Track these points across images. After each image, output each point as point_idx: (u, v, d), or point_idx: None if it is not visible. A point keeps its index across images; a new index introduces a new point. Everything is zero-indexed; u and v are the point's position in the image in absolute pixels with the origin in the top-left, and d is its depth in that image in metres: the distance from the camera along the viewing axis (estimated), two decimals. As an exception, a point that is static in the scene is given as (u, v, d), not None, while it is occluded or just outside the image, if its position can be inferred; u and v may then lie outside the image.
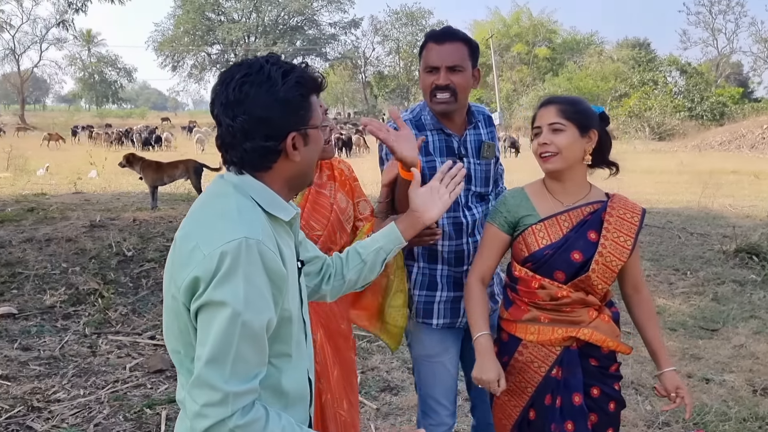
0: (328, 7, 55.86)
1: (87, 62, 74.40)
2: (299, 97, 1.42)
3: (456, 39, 2.30)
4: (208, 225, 1.37)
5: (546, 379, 2.08)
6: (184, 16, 52.26)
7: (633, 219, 2.07)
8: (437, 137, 2.41)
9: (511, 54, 53.31)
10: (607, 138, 2.11)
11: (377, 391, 4.09)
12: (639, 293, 2.20)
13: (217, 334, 1.28)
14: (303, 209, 2.19)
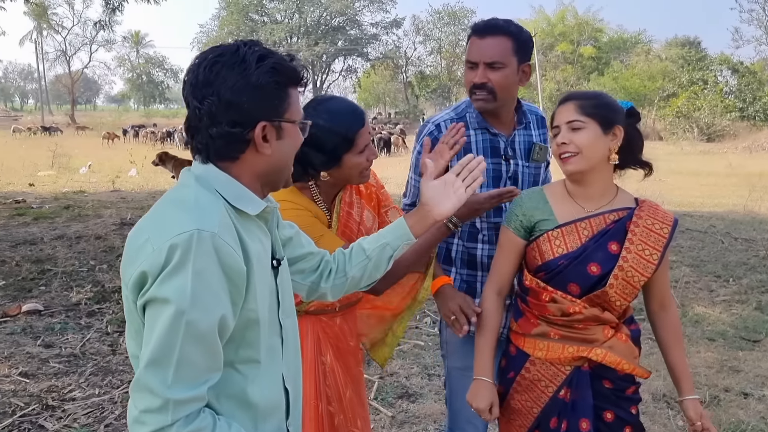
0: (370, 7, 55.91)
1: (135, 63, 76.24)
2: (273, 84, 1.33)
3: (499, 32, 2.12)
4: (161, 218, 1.29)
5: (553, 400, 1.91)
6: (228, 17, 53.00)
7: (662, 230, 1.86)
8: (481, 137, 2.26)
9: (555, 53, 52.40)
10: (637, 135, 1.92)
11: (394, 398, 3.97)
12: (665, 311, 2.00)
13: (159, 334, 1.18)
14: (337, 231, 2.08)
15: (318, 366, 2.14)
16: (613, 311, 1.87)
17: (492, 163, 2.24)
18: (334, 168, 1.95)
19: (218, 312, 1.23)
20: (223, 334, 1.27)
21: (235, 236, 1.29)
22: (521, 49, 2.14)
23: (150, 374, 1.18)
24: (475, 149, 2.25)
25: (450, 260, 2.38)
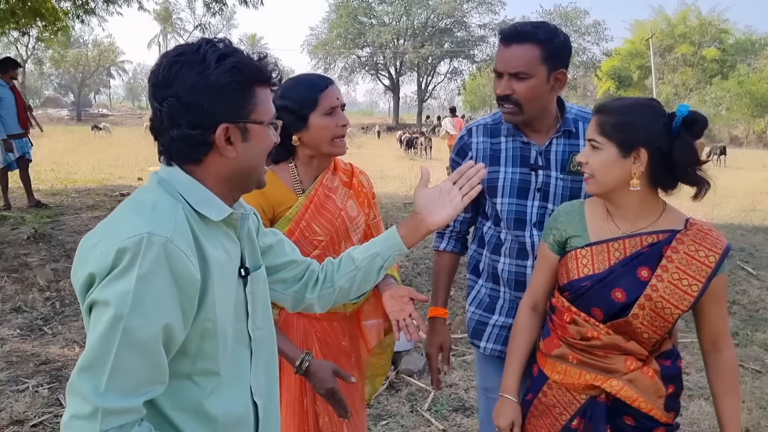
0: (478, 9, 55.30)
1: (250, 65, 79.65)
2: (234, 83, 1.26)
3: (525, 40, 1.96)
4: (115, 221, 1.24)
5: (565, 429, 1.77)
6: (337, 20, 54.13)
7: (707, 258, 1.61)
8: (512, 144, 2.15)
9: (675, 55, 49.67)
10: (683, 150, 1.62)
11: (449, 411, 3.78)
12: (719, 352, 1.76)
13: (95, 339, 1.13)
14: (306, 210, 2.01)
15: None
16: (642, 343, 1.69)
17: (519, 173, 2.13)
18: (303, 130, 1.99)
19: (161, 320, 1.16)
20: (170, 344, 1.20)
21: (191, 242, 1.23)
22: (552, 56, 1.97)
23: (82, 379, 1.13)
24: (504, 156, 2.15)
25: (477, 271, 2.29)
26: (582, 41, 56.04)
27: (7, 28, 11.17)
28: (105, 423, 1.10)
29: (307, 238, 2.03)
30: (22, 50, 56.24)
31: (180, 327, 1.20)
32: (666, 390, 1.70)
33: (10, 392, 3.87)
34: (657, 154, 1.63)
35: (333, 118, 1.99)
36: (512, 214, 2.13)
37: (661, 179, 1.67)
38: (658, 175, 1.66)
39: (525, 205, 2.12)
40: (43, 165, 14.57)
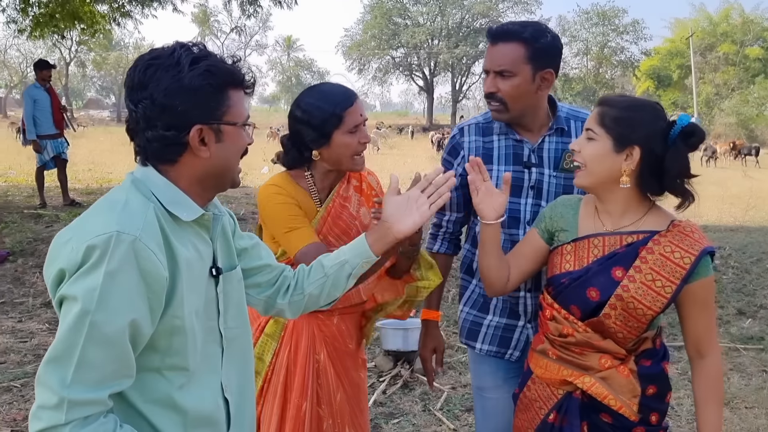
0: (514, 9, 54.86)
1: (286, 66, 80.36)
2: (207, 86, 1.30)
3: (510, 38, 1.98)
4: (87, 219, 1.29)
5: (543, 423, 1.78)
6: (372, 21, 54.26)
7: (682, 260, 1.60)
8: (504, 142, 2.15)
9: (716, 54, 48.50)
10: (675, 159, 1.62)
11: (461, 410, 3.78)
12: (702, 359, 1.73)
13: (63, 332, 1.17)
14: (324, 222, 2.02)
15: (311, 364, 2.08)
16: (618, 342, 1.68)
17: (513, 171, 2.10)
18: (325, 146, 1.98)
19: (128, 316, 1.20)
20: (137, 340, 1.24)
21: (160, 241, 1.27)
22: (537, 55, 1.98)
23: (49, 371, 1.17)
24: (496, 155, 2.15)
25: (471, 271, 2.28)
26: (620, 40, 55.19)
27: (47, 31, 11.51)
28: (71, 413, 1.14)
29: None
30: (65, 53, 57.79)
31: (147, 323, 1.24)
32: (646, 390, 1.68)
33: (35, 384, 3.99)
34: (649, 155, 1.62)
35: (356, 135, 1.98)
36: (506, 212, 2.09)
37: (648, 182, 1.66)
38: (646, 177, 1.65)
39: (518, 203, 2.12)
40: (80, 165, 14.95)
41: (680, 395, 3.94)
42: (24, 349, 4.55)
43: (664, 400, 1.74)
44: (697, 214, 10.63)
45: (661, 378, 1.73)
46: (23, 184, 11.79)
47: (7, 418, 3.56)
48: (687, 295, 1.65)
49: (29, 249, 6.62)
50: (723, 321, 5.40)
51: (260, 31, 74.15)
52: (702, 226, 9.59)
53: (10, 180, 12.68)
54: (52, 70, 9.05)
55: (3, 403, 3.74)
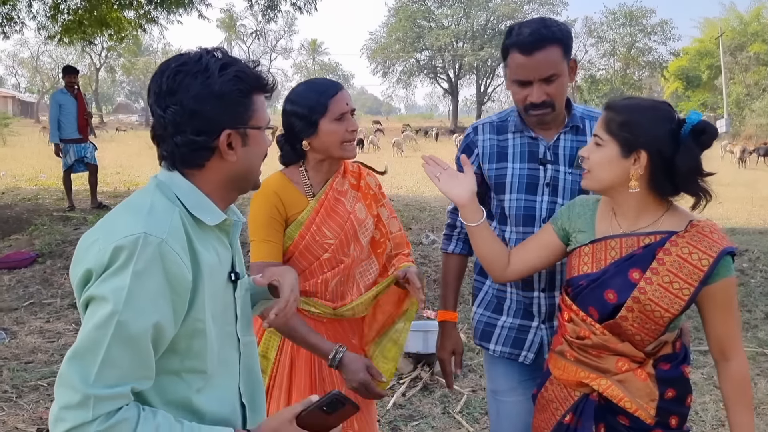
0: (539, 10, 54.43)
1: (311, 70, 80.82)
2: (237, 92, 1.33)
3: (547, 43, 1.93)
4: (113, 221, 1.30)
5: (558, 424, 1.78)
6: (396, 24, 54.29)
7: (700, 262, 1.57)
8: (519, 140, 2.15)
9: (747, 54, 47.60)
10: (686, 158, 1.60)
11: (481, 413, 3.76)
12: (727, 361, 1.70)
13: (89, 330, 1.18)
14: (317, 214, 2.05)
15: (314, 361, 2.10)
16: (635, 345, 1.66)
17: (528, 168, 2.13)
18: (313, 136, 2.03)
19: (153, 317, 1.21)
20: (160, 341, 1.25)
21: (184, 245, 1.28)
22: (568, 49, 1.99)
23: (72, 369, 1.17)
24: (511, 153, 2.15)
25: (484, 273, 2.26)
26: (648, 41, 54.43)
27: (76, 38, 11.73)
28: (97, 409, 1.15)
29: (317, 241, 2.07)
30: (95, 59, 58.83)
31: (170, 325, 1.25)
32: (665, 393, 1.66)
33: (61, 383, 4.07)
34: (658, 158, 1.61)
35: (342, 123, 2.02)
36: (521, 210, 2.12)
37: (661, 184, 1.64)
38: (658, 179, 1.64)
39: (534, 201, 2.11)
40: (109, 168, 15.19)
41: (705, 400, 3.88)
42: (51, 348, 4.64)
43: (685, 403, 1.72)
44: (725, 217, 10.48)
45: (680, 381, 1.71)
46: (53, 188, 12.03)
47: (34, 416, 3.64)
48: (707, 296, 1.62)
49: (58, 251, 6.75)
50: (750, 325, 5.30)
51: (285, 35, 74.62)
52: (730, 228, 9.43)
53: (41, 183, 12.95)
54: (80, 75, 9.20)
55: (30, 402, 3.81)
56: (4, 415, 3.65)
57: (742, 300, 5.91)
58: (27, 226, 7.99)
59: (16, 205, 9.74)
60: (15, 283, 6.03)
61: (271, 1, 11.75)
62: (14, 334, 4.92)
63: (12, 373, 4.18)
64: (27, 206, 9.58)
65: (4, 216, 8.69)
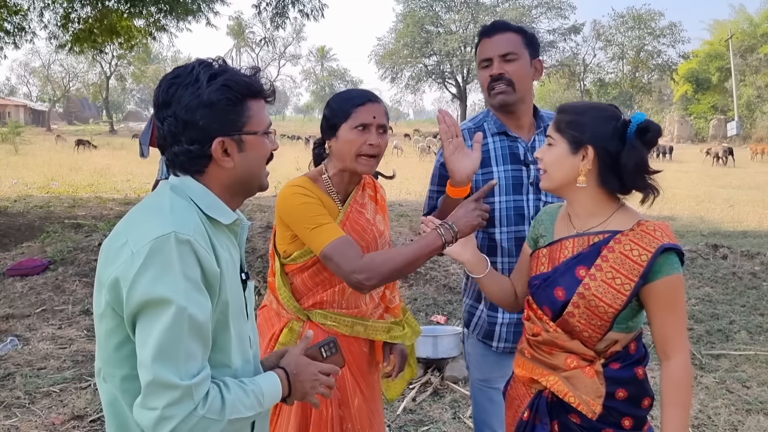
0: (547, 14, 54.37)
1: (320, 76, 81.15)
2: (226, 100, 1.37)
3: (506, 29, 2.20)
4: (137, 222, 1.35)
5: (520, 421, 1.83)
6: (404, 29, 54.32)
7: (640, 258, 1.63)
8: (499, 143, 2.24)
9: (757, 56, 47.36)
10: (630, 155, 1.66)
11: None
12: (666, 359, 1.69)
13: (162, 332, 1.23)
14: (343, 225, 2.06)
15: None
16: (585, 342, 1.71)
17: (512, 170, 2.22)
18: (333, 139, 2.06)
19: (207, 306, 1.30)
20: (209, 329, 1.33)
21: (208, 242, 1.34)
22: (530, 43, 2.20)
23: (164, 369, 1.23)
24: (493, 156, 2.23)
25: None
26: (657, 44, 54.25)
27: (87, 46, 11.84)
28: (197, 395, 1.25)
29: None
30: (106, 67, 59.27)
31: (212, 313, 1.33)
32: (615, 393, 1.68)
33: (73, 389, 4.10)
34: (604, 154, 1.67)
35: (363, 134, 2.01)
36: (511, 210, 2.21)
37: (608, 180, 1.70)
38: (605, 175, 1.69)
39: (522, 200, 2.21)
40: (119, 176, 15.33)
41: (717, 404, 3.85)
42: (63, 355, 4.67)
43: (640, 405, 1.72)
44: (736, 220, 10.41)
45: (633, 382, 1.71)
46: (64, 195, 12.13)
47: (47, 422, 3.66)
48: (650, 294, 1.65)
49: (69, 258, 6.80)
50: (763, 329, 5.26)
51: (294, 42, 74.93)
52: (741, 231, 9.37)
53: (53, 191, 13.06)
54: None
55: (42, 408, 3.84)
56: (17, 420, 3.67)
57: (754, 304, 5.87)
58: (39, 233, 8.06)
59: (28, 212, 9.82)
60: (27, 290, 6.08)
61: (279, 8, 11.85)
62: (27, 340, 4.96)
63: (24, 379, 4.21)
64: (39, 214, 9.66)
65: (16, 224, 8.76)
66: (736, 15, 49.91)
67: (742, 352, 4.71)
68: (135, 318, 1.26)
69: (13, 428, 3.60)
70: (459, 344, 4.36)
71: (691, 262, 7.26)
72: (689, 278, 6.65)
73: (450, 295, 5.91)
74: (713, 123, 44.40)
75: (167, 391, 1.22)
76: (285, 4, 11.82)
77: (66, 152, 28.27)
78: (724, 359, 4.60)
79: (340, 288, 2.09)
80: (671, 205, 13.29)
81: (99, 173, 17.36)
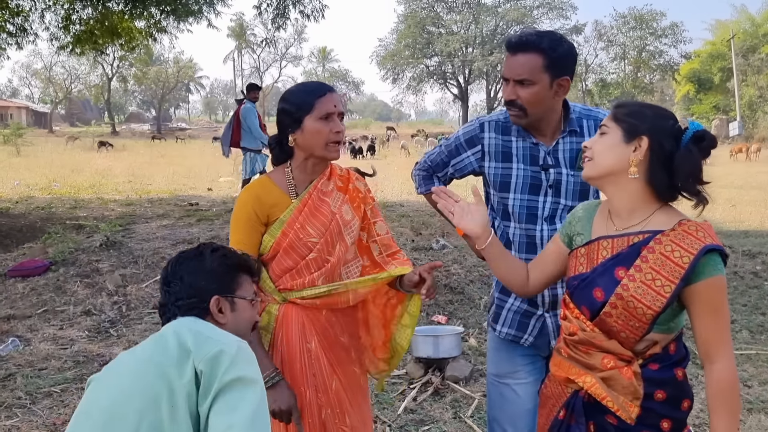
0: (548, 15, 54.40)
1: (321, 77, 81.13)
2: (225, 267, 1.73)
3: (529, 49, 2.10)
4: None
5: (555, 420, 1.82)
6: (405, 30, 54.35)
7: (681, 260, 1.60)
8: (522, 143, 2.27)
9: (759, 56, 47.28)
10: (687, 159, 1.65)
11: (492, 419, 3.73)
12: (710, 365, 1.65)
13: (257, 406, 1.49)
14: (300, 213, 2.16)
15: (304, 352, 2.15)
16: (622, 342, 1.68)
17: (531, 171, 2.25)
18: (299, 132, 2.12)
19: None
20: None
21: None
22: (554, 64, 2.09)
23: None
24: (515, 155, 2.26)
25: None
26: (658, 44, 54.21)
27: (87, 48, 11.85)
28: None
29: (301, 240, 2.13)
30: (107, 69, 59.35)
31: None
32: (653, 395, 1.66)
33: (74, 390, 4.11)
34: (658, 148, 1.66)
35: (327, 123, 2.10)
36: (524, 209, 2.25)
37: (658, 177, 1.67)
38: (656, 171, 1.67)
39: (536, 201, 2.24)
40: (121, 177, 15.35)
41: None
42: (65, 355, 4.68)
43: (679, 407, 1.70)
44: (738, 219, 10.39)
45: (672, 383, 1.69)
46: (66, 196, 12.14)
47: (48, 422, 3.66)
48: (692, 296, 1.63)
49: (71, 259, 6.80)
50: (765, 328, 5.25)
51: (295, 43, 75.05)
52: (743, 231, 9.34)
53: (54, 192, 13.07)
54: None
55: (44, 408, 3.84)
56: (18, 421, 3.68)
57: (756, 303, 5.86)
58: (40, 234, 8.06)
59: (30, 213, 9.83)
60: (29, 290, 6.08)
61: (280, 9, 11.86)
62: (28, 341, 4.97)
63: (26, 379, 4.21)
64: (40, 215, 9.66)
65: (18, 225, 8.77)
66: (738, 15, 49.84)
67: (744, 351, 4.71)
68: (217, 390, 1.49)
69: (14, 428, 3.60)
70: (460, 344, 4.37)
71: (692, 261, 7.25)
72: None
73: (451, 295, 5.91)
74: (715, 123, 44.30)
75: None
76: (286, 5, 11.86)
77: (69, 154, 28.27)
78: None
79: (310, 279, 2.14)
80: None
81: (100, 174, 17.37)
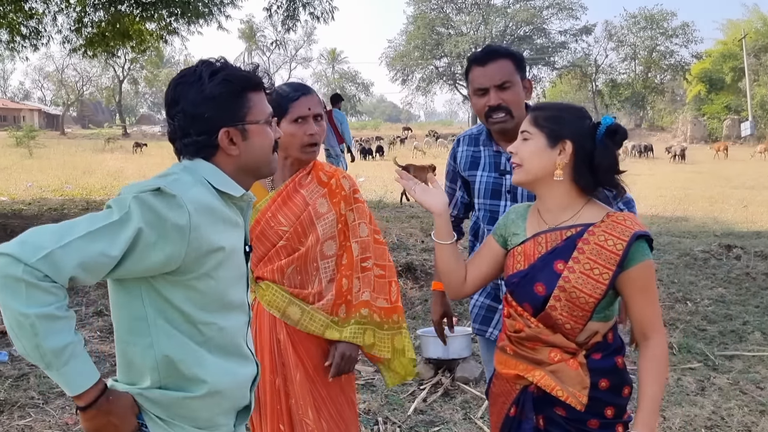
0: (558, 15, 54.28)
1: (331, 78, 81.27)
2: (227, 93, 1.51)
3: (498, 56, 2.28)
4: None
5: (506, 417, 1.88)
6: (415, 31, 54.41)
7: (615, 247, 1.71)
8: (487, 152, 2.46)
9: (771, 55, 46.93)
10: (605, 154, 1.76)
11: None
12: (646, 341, 1.79)
13: (87, 217, 1.43)
14: (273, 202, 2.22)
15: (273, 341, 2.20)
16: (566, 335, 1.76)
17: (493, 177, 2.42)
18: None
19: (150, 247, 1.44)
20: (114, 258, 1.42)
21: (211, 216, 1.48)
22: (520, 66, 2.31)
23: (42, 236, 1.46)
24: (482, 163, 2.46)
25: None
26: (669, 44, 53.95)
27: (99, 50, 11.95)
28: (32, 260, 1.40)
29: (272, 227, 2.19)
30: (119, 71, 59.74)
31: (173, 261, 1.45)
32: (598, 383, 1.75)
33: (86, 389, 4.12)
34: (581, 150, 1.75)
35: (301, 126, 2.17)
36: (487, 213, 2.44)
37: (582, 176, 1.77)
38: (581, 171, 1.76)
39: (498, 205, 2.41)
40: (133, 178, 15.42)
41: (731, 405, 3.82)
42: (76, 356, 4.70)
43: (621, 394, 1.80)
44: (750, 220, 10.33)
45: (613, 372, 1.79)
46: (78, 198, 12.23)
47: (60, 422, 3.69)
48: (626, 281, 1.73)
49: (82, 260, 6.84)
50: (778, 329, 5.21)
51: (305, 45, 75.25)
52: (756, 231, 9.30)
53: (66, 194, 13.18)
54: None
55: (56, 408, 3.87)
56: (31, 420, 3.71)
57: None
58: (53, 235, 8.11)
59: (42, 215, 9.91)
60: (41, 291, 6.12)
61: (289, 11, 11.91)
62: (41, 341, 4.99)
63: (38, 379, 4.24)
64: (53, 216, 9.74)
65: (31, 226, 8.83)
66: (750, 14, 49.51)
67: (756, 353, 4.67)
68: None
69: (27, 428, 3.63)
70: (470, 345, 4.36)
71: (704, 262, 7.24)
72: (702, 279, 6.63)
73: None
74: (727, 123, 44.04)
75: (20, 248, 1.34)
76: (296, 6, 11.91)
77: (80, 156, 28.47)
78: (737, 360, 4.57)
79: (278, 266, 2.19)
80: (684, 206, 13.20)
81: (112, 176, 17.50)
